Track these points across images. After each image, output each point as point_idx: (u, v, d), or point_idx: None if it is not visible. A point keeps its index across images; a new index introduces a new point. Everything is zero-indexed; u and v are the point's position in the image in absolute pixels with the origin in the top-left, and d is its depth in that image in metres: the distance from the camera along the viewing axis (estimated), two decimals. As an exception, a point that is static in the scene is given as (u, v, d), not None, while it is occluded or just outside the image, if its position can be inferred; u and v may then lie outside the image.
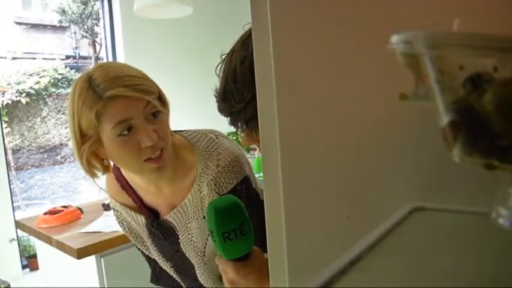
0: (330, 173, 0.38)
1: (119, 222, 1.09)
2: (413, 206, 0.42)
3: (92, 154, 0.86)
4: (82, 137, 0.84)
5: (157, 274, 1.13)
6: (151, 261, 1.12)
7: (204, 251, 1.00)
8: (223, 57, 0.62)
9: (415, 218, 0.41)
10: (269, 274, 0.37)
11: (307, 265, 0.36)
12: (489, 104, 0.23)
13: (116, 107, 0.80)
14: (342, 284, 0.34)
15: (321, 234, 0.38)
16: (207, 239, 1.01)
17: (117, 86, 0.80)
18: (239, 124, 0.60)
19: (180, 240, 1.01)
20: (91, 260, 1.52)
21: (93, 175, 0.90)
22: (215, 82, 0.64)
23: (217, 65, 0.62)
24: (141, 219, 1.01)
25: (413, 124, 0.37)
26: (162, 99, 0.89)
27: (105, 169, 0.91)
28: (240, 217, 0.68)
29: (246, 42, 0.58)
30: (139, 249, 1.10)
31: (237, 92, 0.57)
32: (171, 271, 1.08)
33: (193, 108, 2.94)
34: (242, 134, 0.62)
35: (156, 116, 0.85)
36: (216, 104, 0.62)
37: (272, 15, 0.33)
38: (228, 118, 0.61)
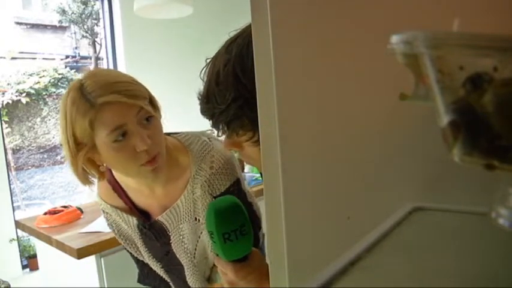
0: (330, 173, 0.38)
1: (108, 224, 1.09)
2: (413, 206, 0.42)
3: (88, 161, 0.87)
4: (77, 145, 0.84)
5: (145, 274, 1.13)
6: (139, 262, 1.12)
7: (195, 253, 1.01)
8: (208, 61, 0.63)
9: (415, 218, 0.41)
10: (269, 274, 0.37)
11: (307, 265, 0.36)
12: (489, 104, 0.23)
13: (109, 114, 0.81)
14: (342, 283, 0.34)
15: (321, 234, 0.38)
16: (197, 241, 1.02)
17: (109, 93, 0.81)
18: (220, 126, 0.61)
19: (171, 241, 1.01)
20: (91, 260, 1.52)
21: (88, 183, 0.91)
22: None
23: (202, 69, 0.64)
24: (133, 220, 1.01)
25: (413, 124, 0.37)
26: (153, 103, 0.90)
27: (101, 175, 0.92)
28: (240, 218, 0.68)
29: (230, 46, 0.60)
30: (127, 250, 1.10)
31: (219, 94, 0.59)
32: (161, 272, 1.09)
33: (192, 108, 2.94)
34: (223, 137, 0.64)
35: (149, 121, 0.86)
36: (199, 106, 0.64)
37: (272, 15, 0.33)
38: (210, 120, 0.62)
